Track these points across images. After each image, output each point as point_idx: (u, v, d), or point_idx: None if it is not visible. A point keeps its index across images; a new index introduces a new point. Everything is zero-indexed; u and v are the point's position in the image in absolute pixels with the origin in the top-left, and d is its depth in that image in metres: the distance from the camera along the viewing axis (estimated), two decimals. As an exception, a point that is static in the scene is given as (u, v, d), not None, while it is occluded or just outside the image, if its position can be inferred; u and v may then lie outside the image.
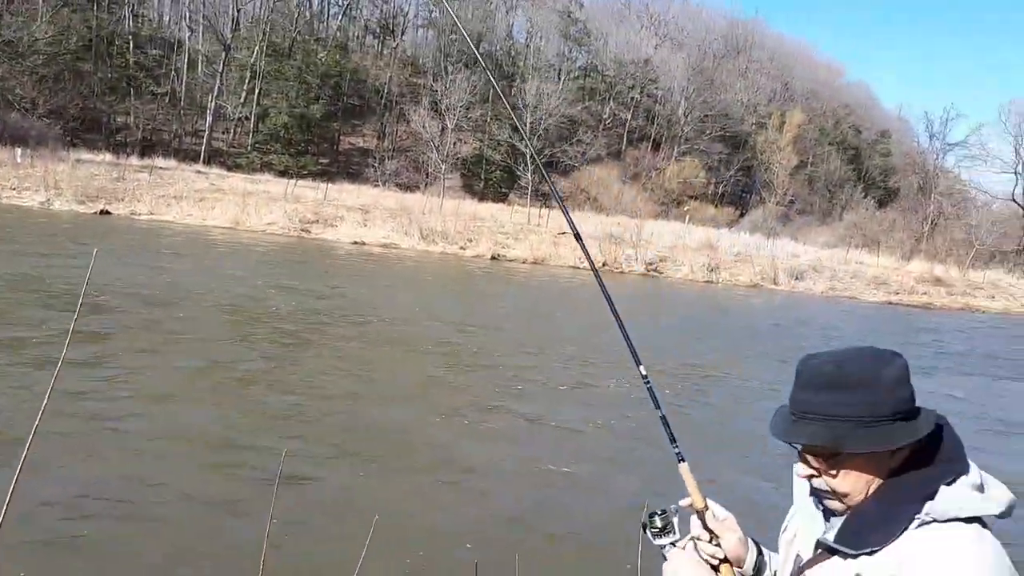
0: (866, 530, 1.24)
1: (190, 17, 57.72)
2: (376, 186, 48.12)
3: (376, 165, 53.96)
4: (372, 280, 18.73)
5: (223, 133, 55.21)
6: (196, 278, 14.58)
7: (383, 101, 61.67)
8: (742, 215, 64.17)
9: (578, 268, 27.87)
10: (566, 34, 69.54)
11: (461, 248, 28.04)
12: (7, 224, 20.38)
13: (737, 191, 70.88)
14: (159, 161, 40.20)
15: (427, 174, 53.83)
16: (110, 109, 50.29)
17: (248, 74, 54.32)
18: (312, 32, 62.87)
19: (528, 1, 71.15)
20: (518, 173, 55.51)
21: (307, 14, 64.59)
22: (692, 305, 22.71)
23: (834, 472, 1.30)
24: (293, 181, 37.29)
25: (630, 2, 78.45)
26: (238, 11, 56.71)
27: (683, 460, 1.56)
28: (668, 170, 64.45)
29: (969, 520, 1.21)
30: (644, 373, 1.64)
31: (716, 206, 64.30)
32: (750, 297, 26.50)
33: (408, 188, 48.82)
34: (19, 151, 30.69)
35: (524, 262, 27.64)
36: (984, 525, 1.23)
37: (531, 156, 52.17)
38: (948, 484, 1.23)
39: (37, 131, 38.29)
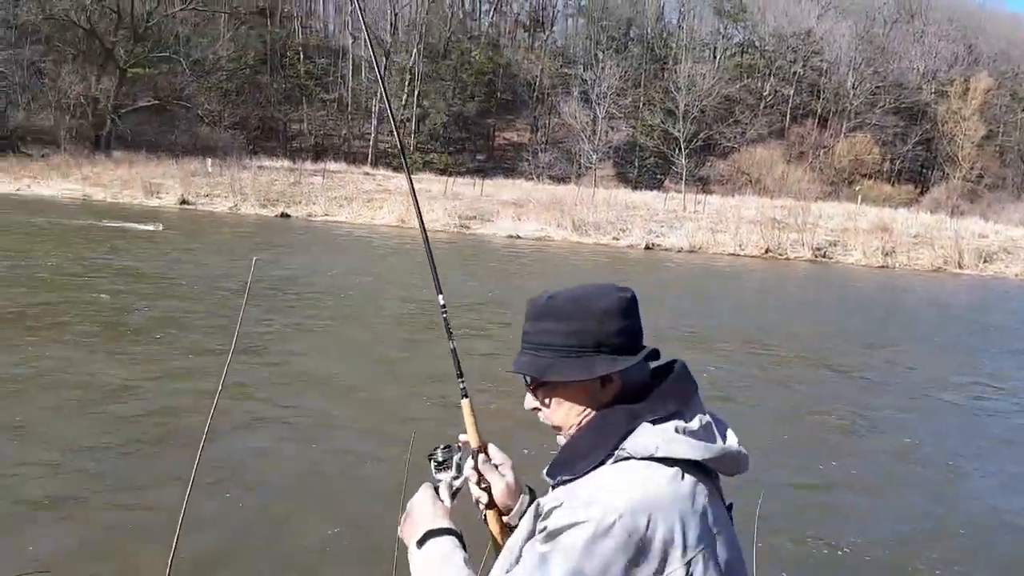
0: (570, 461, 1.23)
1: (352, 25, 60.94)
2: (530, 180, 48.82)
3: (530, 159, 54.68)
4: (521, 274, 19.05)
5: (387, 135, 57.98)
6: (362, 274, 15.49)
7: (535, 94, 62.29)
8: (922, 193, 59.31)
9: (738, 255, 26.92)
10: (720, 10, 67.13)
11: (614, 238, 27.88)
12: (203, 227, 22.54)
13: (916, 167, 65.55)
14: (331, 164, 42.92)
15: (579, 165, 53.88)
16: (285, 117, 54.24)
17: (407, 76, 56.68)
18: (465, 31, 64.54)
19: (679, -20, 69.26)
20: (672, 159, 54.36)
21: (460, 13, 66.36)
22: (861, 291, 21.32)
23: (547, 402, 1.31)
24: (451, 179, 38.58)
25: (790, -29, 74.44)
26: (395, 16, 59.23)
27: (466, 396, 1.51)
28: (837, 147, 60.65)
29: (672, 462, 1.16)
30: (443, 303, 1.63)
31: (892, 184, 59.79)
32: (930, 282, 24.50)
33: (561, 180, 49.15)
34: (210, 161, 33.85)
35: (680, 251, 27.07)
36: (699, 473, 1.18)
37: (685, 140, 51.07)
38: (653, 423, 1.19)
39: (224, 142, 42.05)
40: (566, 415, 1.29)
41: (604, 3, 64.76)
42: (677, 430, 1.19)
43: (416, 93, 56.53)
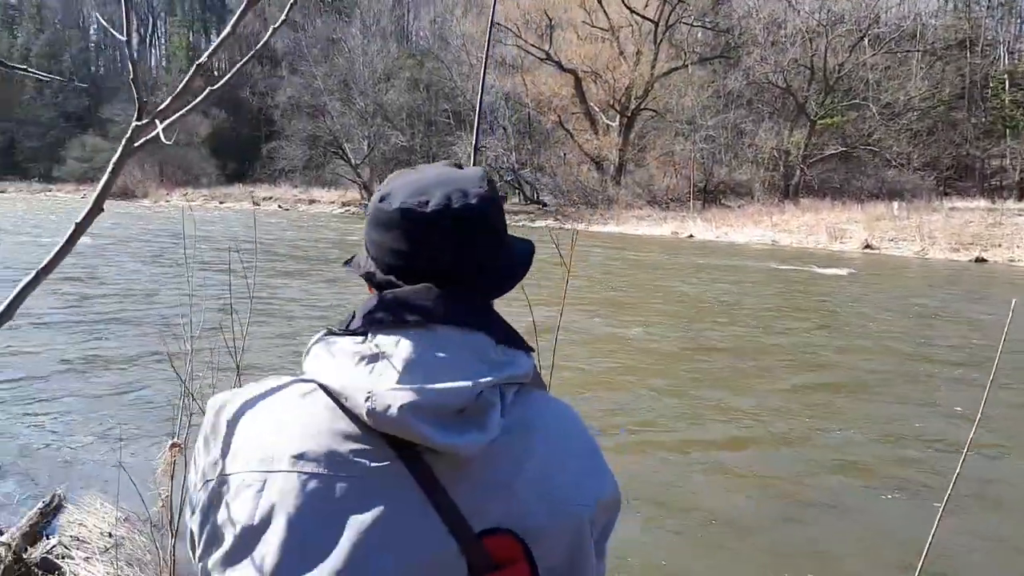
0: None
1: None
2: None
3: None
4: None
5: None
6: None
7: None
8: None
9: None
10: None
11: None
12: (890, 271, 21.68)
13: None
14: (1040, 203, 36.79)
15: None
16: (983, 154, 48.76)
17: None
18: None
19: None
20: None
21: None
22: None
23: None
24: None
25: None
26: None
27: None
28: None
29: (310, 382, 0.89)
30: None
31: None
32: None
33: None
34: (896, 205, 32.57)
35: None
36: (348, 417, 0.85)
37: None
38: (329, 334, 0.92)
39: (911, 184, 40.09)
40: None
41: None
42: (343, 353, 0.87)
43: None
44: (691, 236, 33.37)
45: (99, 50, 75.82)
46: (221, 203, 50.24)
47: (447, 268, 0.91)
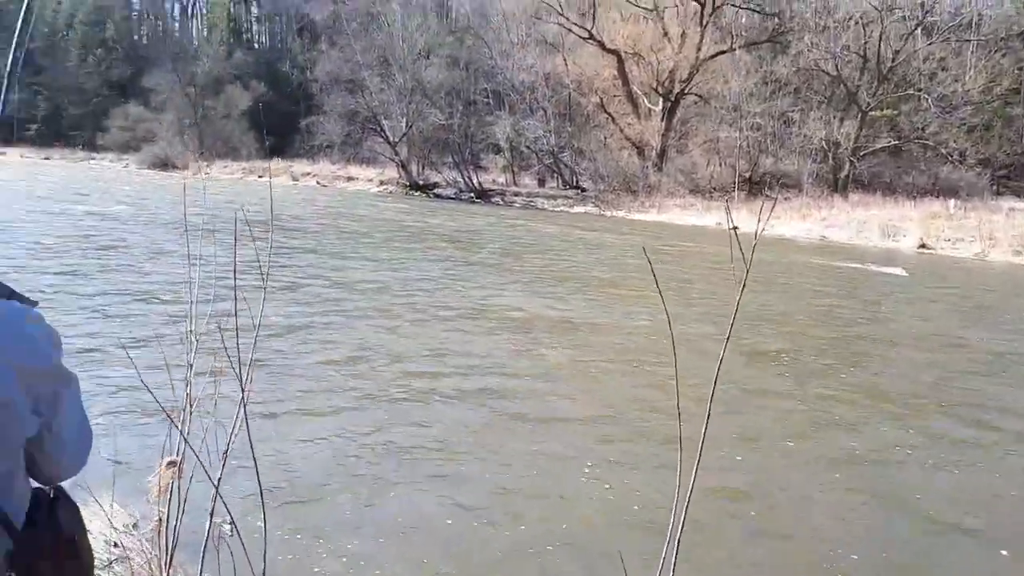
0: None
1: None
2: None
3: None
4: None
5: None
6: None
7: None
8: None
9: None
10: None
11: None
12: (949, 274, 20.83)
13: None
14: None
15: None
16: (1041, 151, 47.01)
17: None
18: None
19: None
20: None
21: None
22: None
23: None
24: None
25: None
26: None
27: None
28: None
29: None
30: None
31: None
32: None
33: None
34: (952, 203, 31.47)
35: None
36: None
37: None
38: None
39: (966, 182, 38.79)
40: None
41: None
42: None
43: None
44: (736, 228, 32.44)
45: (141, 19, 75.88)
46: (260, 177, 50.24)
47: None
